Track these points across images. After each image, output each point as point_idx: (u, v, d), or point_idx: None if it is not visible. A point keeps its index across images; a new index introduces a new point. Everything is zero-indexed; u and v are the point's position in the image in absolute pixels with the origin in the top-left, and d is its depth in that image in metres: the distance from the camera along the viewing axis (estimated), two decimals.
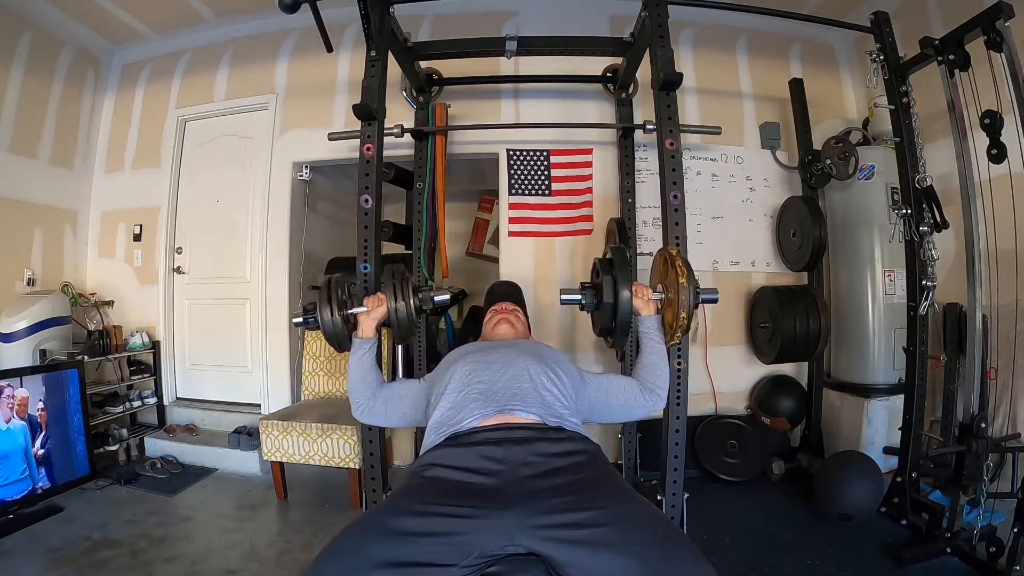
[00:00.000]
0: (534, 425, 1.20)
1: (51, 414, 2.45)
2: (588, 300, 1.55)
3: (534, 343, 1.51)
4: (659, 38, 1.76)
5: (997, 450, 2.10)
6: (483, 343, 1.56)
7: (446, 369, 1.40)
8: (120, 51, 3.59)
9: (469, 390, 1.28)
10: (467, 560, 0.96)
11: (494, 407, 1.22)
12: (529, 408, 1.22)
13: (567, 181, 3.06)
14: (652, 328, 1.49)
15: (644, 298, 1.50)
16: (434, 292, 1.58)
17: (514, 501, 1.02)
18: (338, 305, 1.46)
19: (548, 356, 1.41)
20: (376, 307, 1.49)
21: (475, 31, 2.58)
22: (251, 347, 3.33)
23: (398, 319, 1.48)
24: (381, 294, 1.51)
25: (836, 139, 2.77)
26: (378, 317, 1.49)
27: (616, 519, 0.98)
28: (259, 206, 3.30)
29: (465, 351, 1.46)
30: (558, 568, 0.95)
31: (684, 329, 1.42)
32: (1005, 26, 1.83)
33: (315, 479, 2.84)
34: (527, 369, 1.31)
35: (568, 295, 1.58)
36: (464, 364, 1.36)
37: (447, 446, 1.19)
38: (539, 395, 1.26)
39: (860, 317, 2.86)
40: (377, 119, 1.82)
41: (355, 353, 1.49)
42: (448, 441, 1.20)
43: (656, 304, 1.51)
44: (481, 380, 1.29)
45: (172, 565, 2.01)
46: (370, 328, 1.49)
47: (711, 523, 2.27)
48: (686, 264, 1.43)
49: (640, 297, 1.49)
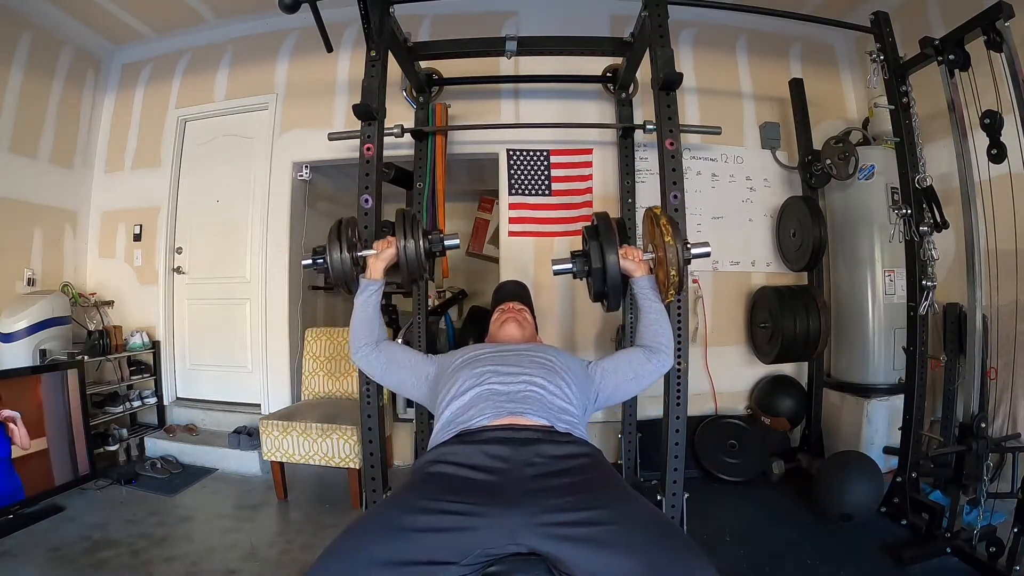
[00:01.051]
0: (541, 428, 1.20)
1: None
2: (579, 267, 1.58)
3: (544, 351, 1.51)
4: (659, 38, 1.75)
5: (997, 450, 2.11)
6: (492, 346, 1.56)
7: (456, 371, 1.40)
8: (120, 51, 3.59)
9: (481, 390, 1.29)
10: (469, 558, 0.96)
11: (505, 409, 1.23)
12: (539, 413, 1.23)
13: (567, 181, 3.06)
14: (645, 287, 1.52)
15: (635, 259, 1.52)
16: (444, 236, 1.59)
17: (517, 499, 1.02)
18: (348, 247, 1.47)
19: (559, 366, 1.41)
20: (385, 249, 1.51)
21: (475, 31, 2.58)
22: (251, 347, 3.33)
23: (407, 258, 1.51)
24: (390, 237, 1.53)
25: (836, 139, 2.77)
26: (387, 259, 1.52)
27: (618, 519, 0.99)
28: (259, 206, 3.30)
29: (474, 355, 1.45)
30: (559, 567, 0.96)
31: (677, 287, 1.44)
32: (1005, 26, 1.83)
33: (315, 479, 2.84)
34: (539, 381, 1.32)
35: (559, 264, 1.60)
36: (476, 367, 1.37)
37: (454, 443, 1.19)
38: (550, 402, 1.27)
39: (860, 317, 2.85)
40: (377, 119, 1.81)
41: (361, 293, 1.52)
42: (455, 439, 1.20)
43: (648, 264, 1.53)
44: (492, 384, 1.30)
45: (172, 565, 2.01)
46: (378, 270, 1.51)
47: (711, 523, 2.27)
48: (671, 221, 1.45)
49: (630, 259, 1.51)
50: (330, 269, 1.46)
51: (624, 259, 1.50)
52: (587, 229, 1.60)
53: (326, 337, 3.05)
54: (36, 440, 2.39)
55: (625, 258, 1.51)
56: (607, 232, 1.51)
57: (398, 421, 3.14)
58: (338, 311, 4.09)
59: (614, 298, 1.56)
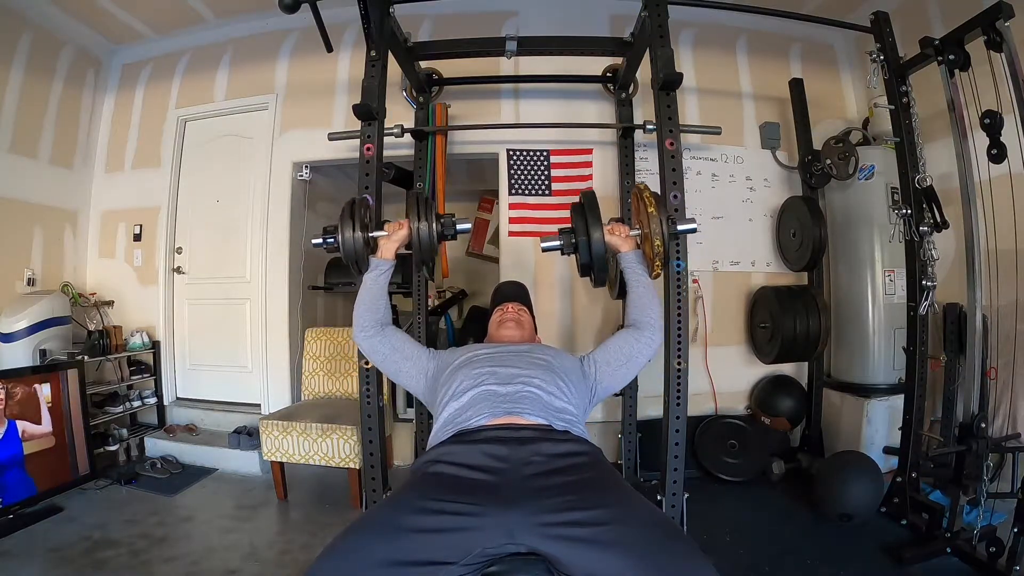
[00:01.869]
0: (539, 427, 1.20)
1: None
2: (566, 243, 1.60)
3: (543, 351, 1.51)
4: (659, 38, 1.76)
5: (997, 450, 2.11)
6: (491, 346, 1.56)
7: (454, 371, 1.40)
8: (120, 51, 3.59)
9: (480, 391, 1.29)
10: (468, 558, 0.96)
11: (503, 409, 1.23)
12: (537, 412, 1.23)
13: (567, 181, 3.06)
14: (632, 261, 1.53)
15: (621, 235, 1.54)
16: (456, 220, 1.61)
17: (516, 499, 1.02)
18: (360, 227, 1.47)
19: (556, 366, 1.41)
20: (396, 231, 1.51)
21: (475, 31, 2.58)
22: (251, 347, 3.33)
23: (419, 239, 1.52)
24: (402, 220, 1.53)
25: (836, 139, 2.77)
26: (399, 240, 1.52)
27: (617, 518, 0.98)
28: (259, 206, 3.30)
29: (473, 356, 1.45)
30: (558, 566, 0.96)
31: (663, 259, 1.46)
32: (1005, 26, 1.83)
33: (315, 479, 2.84)
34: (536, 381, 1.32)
35: (548, 243, 1.62)
36: (475, 368, 1.37)
37: (452, 443, 1.19)
38: (548, 403, 1.27)
39: (860, 317, 2.86)
40: (377, 119, 1.81)
41: (371, 272, 1.52)
42: (454, 438, 1.20)
43: (635, 240, 1.55)
44: (491, 386, 1.30)
45: (172, 565, 2.01)
46: (390, 251, 1.52)
47: (711, 523, 2.27)
48: (654, 195, 1.47)
49: (616, 234, 1.54)
50: (341, 248, 1.45)
51: (610, 234, 1.53)
52: (573, 207, 1.63)
53: (326, 337, 3.05)
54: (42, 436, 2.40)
55: (612, 233, 1.53)
56: (592, 207, 1.53)
57: (398, 421, 3.14)
58: (338, 311, 4.09)
59: (600, 272, 1.58)
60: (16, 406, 2.34)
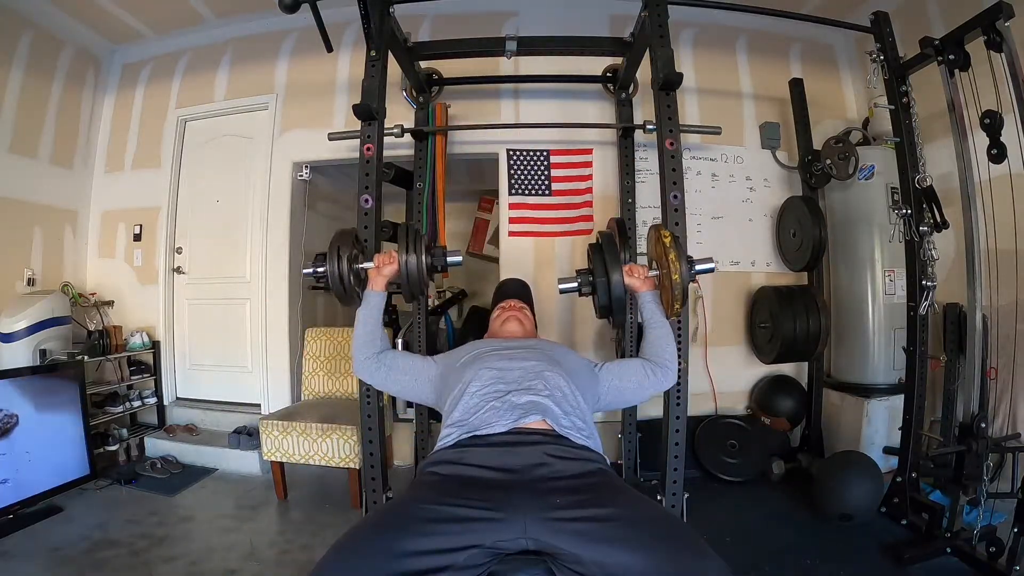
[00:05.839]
0: (548, 431, 1.22)
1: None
2: (583, 283, 1.60)
3: (551, 347, 1.52)
4: (659, 38, 1.75)
5: (997, 450, 2.10)
6: (497, 342, 1.57)
7: (461, 369, 1.40)
8: (120, 51, 3.59)
9: (490, 389, 1.30)
10: (479, 553, 0.98)
11: (513, 412, 1.23)
12: (546, 415, 1.24)
13: (567, 181, 3.06)
14: (650, 302, 1.52)
15: (639, 277, 1.53)
16: (447, 252, 1.60)
17: (528, 497, 1.05)
18: (348, 259, 1.46)
19: (565, 363, 1.42)
20: (386, 264, 1.50)
21: (475, 31, 2.58)
22: (251, 347, 3.33)
23: (408, 272, 1.51)
24: (392, 252, 1.52)
25: (836, 139, 2.77)
26: (388, 275, 1.50)
27: (625, 515, 1.02)
28: (259, 206, 3.30)
29: (479, 352, 1.46)
30: (567, 562, 0.98)
31: (681, 301, 1.44)
32: (1005, 26, 1.83)
33: (315, 479, 2.84)
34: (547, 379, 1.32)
35: (565, 283, 1.62)
36: (483, 366, 1.37)
37: (464, 445, 1.20)
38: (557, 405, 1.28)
39: (860, 317, 2.86)
40: (377, 119, 1.81)
41: (364, 305, 1.52)
42: (465, 441, 1.21)
43: (652, 281, 1.54)
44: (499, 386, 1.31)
45: (172, 565, 2.01)
46: (380, 284, 1.51)
47: (711, 523, 2.26)
48: (674, 239, 1.46)
49: (635, 276, 1.52)
50: (329, 280, 1.46)
51: (628, 276, 1.51)
52: (591, 247, 1.62)
53: (326, 337, 3.05)
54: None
55: (630, 275, 1.51)
56: (611, 250, 1.53)
57: (398, 421, 3.14)
58: (338, 311, 4.09)
59: (619, 314, 1.58)
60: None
